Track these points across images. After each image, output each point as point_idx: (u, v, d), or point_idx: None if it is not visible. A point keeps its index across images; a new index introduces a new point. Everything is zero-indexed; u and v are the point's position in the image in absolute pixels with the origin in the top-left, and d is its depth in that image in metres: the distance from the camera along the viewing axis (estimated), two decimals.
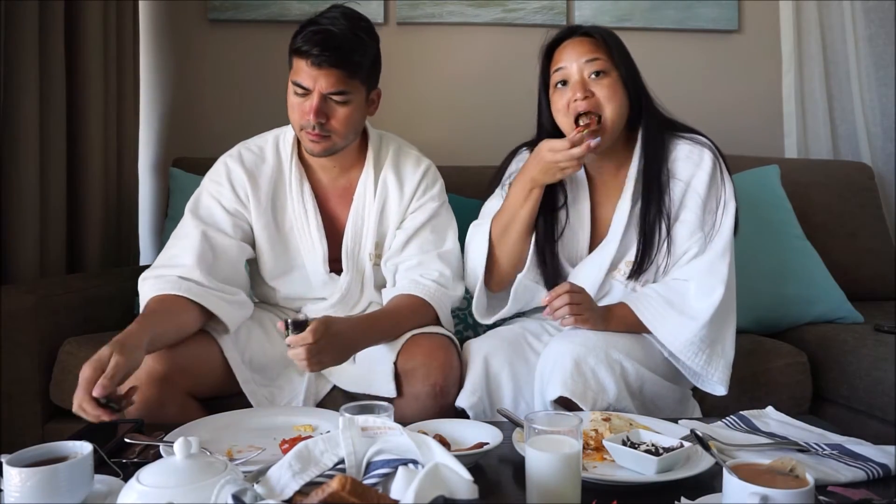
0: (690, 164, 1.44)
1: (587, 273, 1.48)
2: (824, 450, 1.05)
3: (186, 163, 2.19)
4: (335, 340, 1.25)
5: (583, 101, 1.39)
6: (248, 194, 1.49)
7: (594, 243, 1.51)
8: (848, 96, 2.57)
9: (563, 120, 1.43)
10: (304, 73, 1.36)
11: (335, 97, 1.37)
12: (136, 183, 2.29)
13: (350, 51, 1.35)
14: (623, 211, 1.46)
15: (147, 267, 1.41)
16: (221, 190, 1.49)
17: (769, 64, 2.59)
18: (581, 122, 1.39)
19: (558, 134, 1.46)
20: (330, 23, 1.35)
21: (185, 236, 1.45)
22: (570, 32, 1.46)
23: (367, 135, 1.55)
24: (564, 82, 1.42)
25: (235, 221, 1.48)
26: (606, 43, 1.42)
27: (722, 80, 2.59)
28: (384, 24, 2.49)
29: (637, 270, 1.44)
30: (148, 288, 1.38)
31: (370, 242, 1.52)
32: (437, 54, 2.53)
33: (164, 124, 2.48)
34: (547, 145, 1.37)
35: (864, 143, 2.54)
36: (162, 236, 2.18)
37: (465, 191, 2.16)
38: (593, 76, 1.40)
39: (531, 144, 1.55)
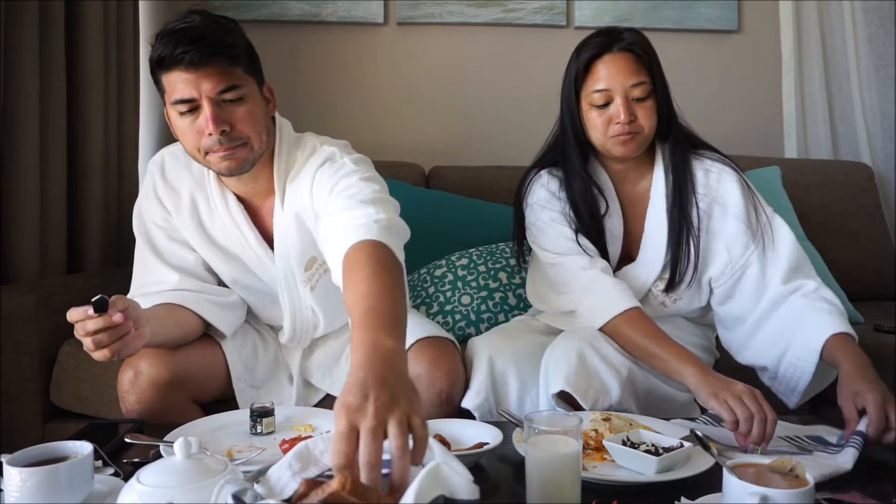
0: (711, 179, 1.42)
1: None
2: (808, 443, 1.06)
3: None
4: (380, 382, 0.77)
5: (627, 124, 1.34)
6: (169, 208, 1.38)
7: (622, 257, 1.48)
8: (848, 96, 2.58)
9: (600, 138, 1.39)
10: (181, 82, 1.18)
11: (227, 95, 1.20)
12: (136, 183, 2.28)
13: (218, 35, 1.20)
14: (658, 227, 1.43)
15: None
16: (150, 206, 1.38)
17: (769, 64, 2.60)
18: None
19: (584, 142, 1.43)
20: (183, 23, 1.20)
21: (144, 260, 1.38)
22: (610, 41, 1.37)
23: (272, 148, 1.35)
24: (606, 104, 1.36)
25: (169, 234, 1.39)
26: (649, 59, 1.37)
27: (722, 80, 2.59)
28: (384, 24, 2.49)
29: (674, 284, 1.42)
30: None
31: (299, 269, 1.37)
32: (437, 54, 2.53)
33: (164, 124, 2.47)
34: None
35: (864, 143, 2.54)
36: None
37: (465, 191, 2.16)
38: (636, 100, 1.36)
39: (542, 164, 1.51)
